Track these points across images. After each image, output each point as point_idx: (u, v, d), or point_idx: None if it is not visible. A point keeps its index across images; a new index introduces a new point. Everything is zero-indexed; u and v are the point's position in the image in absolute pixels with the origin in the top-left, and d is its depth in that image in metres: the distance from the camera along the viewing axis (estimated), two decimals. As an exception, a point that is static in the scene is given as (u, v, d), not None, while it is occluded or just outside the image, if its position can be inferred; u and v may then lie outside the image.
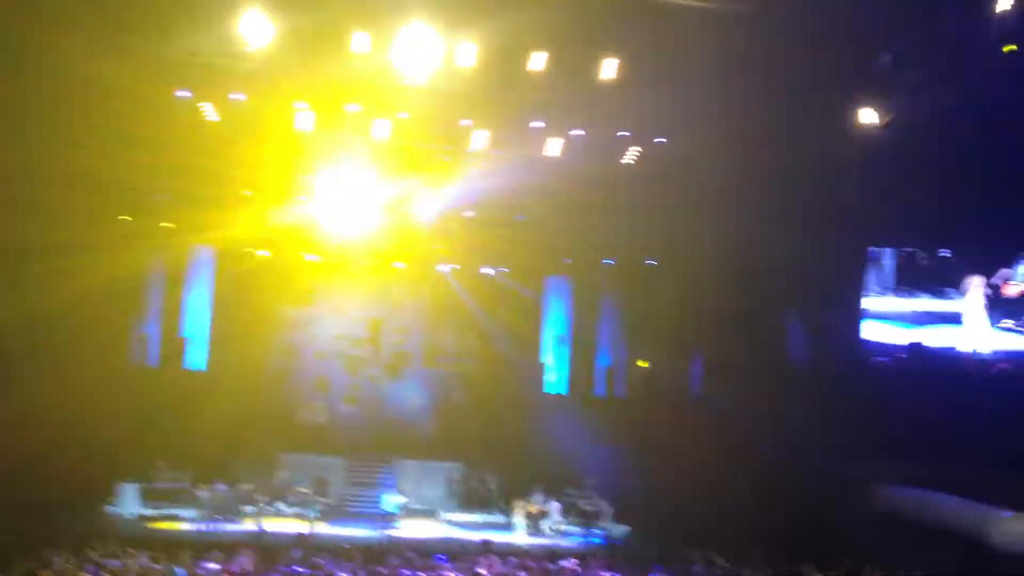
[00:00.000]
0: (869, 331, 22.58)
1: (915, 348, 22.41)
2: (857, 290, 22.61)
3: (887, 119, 18.91)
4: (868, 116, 19.10)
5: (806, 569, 17.15)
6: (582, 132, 21.64)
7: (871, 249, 22.77)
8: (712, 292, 22.78)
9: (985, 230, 21.25)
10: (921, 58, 18.12)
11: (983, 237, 21.63)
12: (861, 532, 19.71)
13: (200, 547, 17.39)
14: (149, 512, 22.08)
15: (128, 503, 22.10)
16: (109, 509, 22.02)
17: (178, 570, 14.85)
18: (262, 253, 26.71)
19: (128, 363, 25.01)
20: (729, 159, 20.98)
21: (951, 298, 22.47)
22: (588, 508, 23.60)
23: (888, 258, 22.78)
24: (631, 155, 22.30)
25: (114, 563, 15.18)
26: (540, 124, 21.23)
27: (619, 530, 23.14)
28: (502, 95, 19.94)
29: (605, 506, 23.15)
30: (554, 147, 21.68)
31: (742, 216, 21.56)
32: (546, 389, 28.30)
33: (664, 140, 21.66)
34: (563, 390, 28.28)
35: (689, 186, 22.27)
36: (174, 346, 26.31)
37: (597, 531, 22.73)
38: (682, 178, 22.21)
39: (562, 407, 27.36)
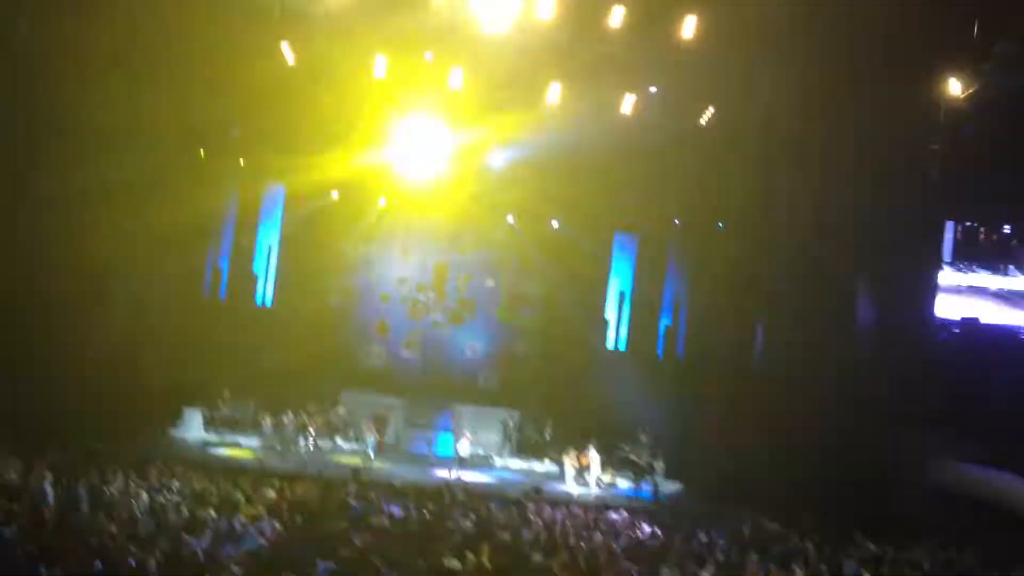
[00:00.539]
0: (941, 305, 22.20)
1: (970, 323, 22.04)
2: (931, 263, 22.19)
3: (971, 90, 18.47)
4: (953, 87, 18.68)
5: (857, 537, 17.05)
6: (656, 90, 21.41)
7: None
8: (781, 257, 22.56)
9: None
10: (1010, 31, 17.63)
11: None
12: (916, 505, 19.56)
13: (259, 474, 17.91)
14: (212, 438, 22.80)
15: (192, 428, 22.81)
16: (173, 433, 22.75)
17: (239, 495, 15.24)
18: (333, 195, 27.07)
19: (200, 297, 25.56)
20: (807, 124, 20.68)
21: (1012, 275, 22.06)
22: (640, 463, 23.73)
23: (948, 231, 22.36)
24: (706, 116, 22.03)
25: (174, 484, 15.69)
26: (616, 79, 21.02)
27: (669, 487, 23.26)
28: (578, 49, 19.80)
29: (657, 463, 23.24)
30: (628, 104, 21.49)
31: (817, 182, 21.26)
32: (607, 345, 28.39)
33: (740, 102, 21.30)
34: (623, 347, 28.36)
35: (764, 150, 21.98)
36: (244, 282, 26.88)
37: (647, 486, 22.85)
38: (757, 141, 21.92)
39: (621, 363, 27.48)
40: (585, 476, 22.63)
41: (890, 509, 19.32)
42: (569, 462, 22.61)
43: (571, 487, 22.00)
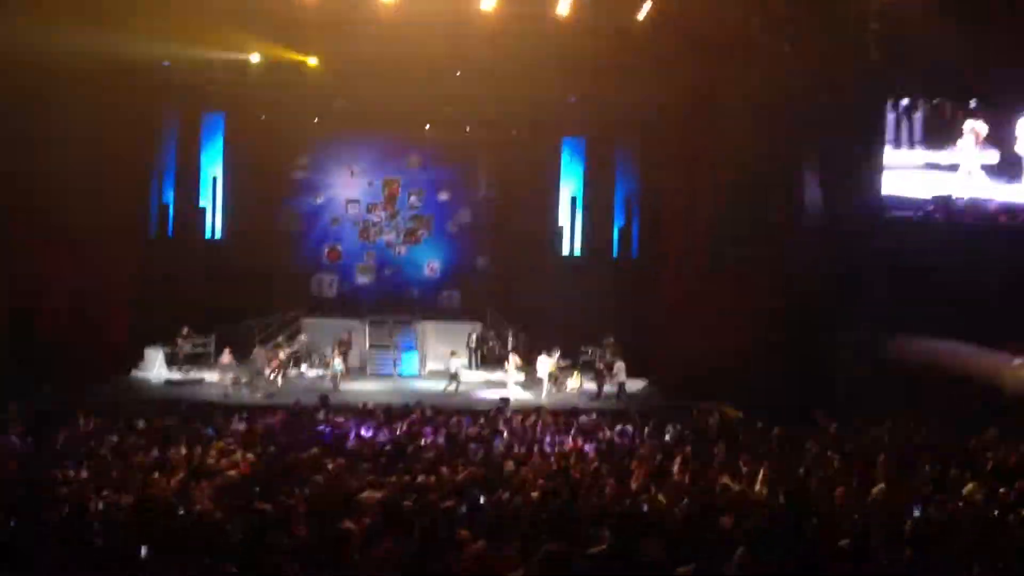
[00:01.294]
0: (888, 184, 22.40)
1: (942, 200, 22.30)
2: (876, 142, 22.31)
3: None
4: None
5: (819, 417, 17.50)
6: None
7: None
8: (728, 142, 22.53)
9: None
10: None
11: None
12: (872, 382, 20.04)
13: (226, 409, 17.87)
14: (175, 376, 22.68)
15: (154, 367, 22.65)
16: (136, 374, 22.60)
17: (208, 429, 15.25)
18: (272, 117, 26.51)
19: (148, 235, 25.04)
20: (742, 13, 20.49)
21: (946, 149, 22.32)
22: (603, 366, 24.01)
23: (889, 110, 22.44)
24: (644, 10, 21.63)
25: (142, 424, 15.62)
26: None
27: (635, 386, 23.58)
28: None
29: (620, 363, 23.52)
30: (564, 5, 21.02)
31: (757, 69, 21.12)
32: (562, 252, 28.42)
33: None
34: (579, 252, 28.41)
35: (701, 41, 21.74)
36: (192, 217, 26.38)
37: (612, 387, 23.14)
38: (694, 32, 21.66)
39: (578, 268, 27.58)
40: (554, 382, 22.93)
41: (846, 389, 19.81)
42: (536, 370, 22.86)
43: (538, 395, 22.26)
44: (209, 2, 20.39)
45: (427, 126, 27.42)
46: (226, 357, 22.34)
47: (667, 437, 16.22)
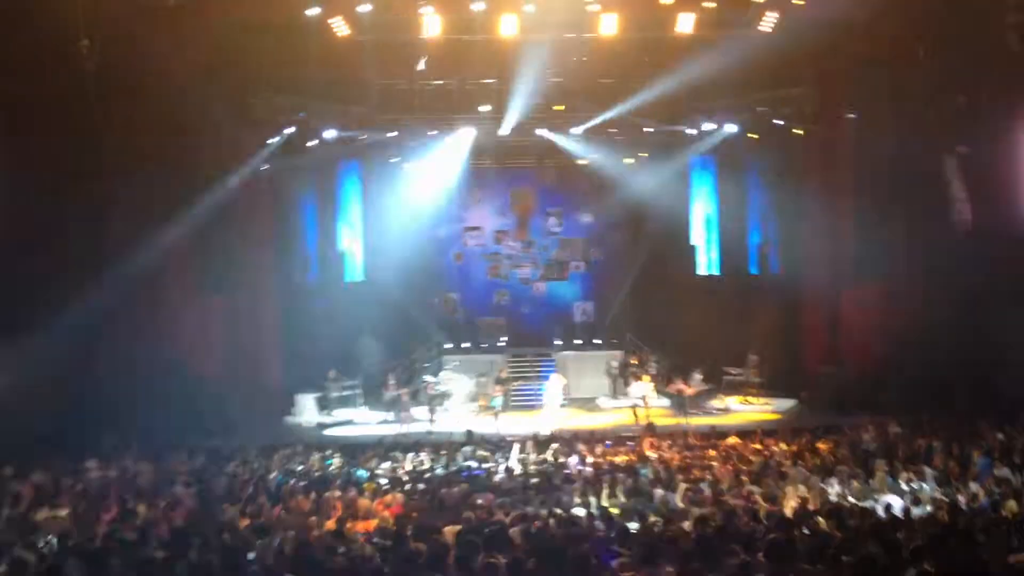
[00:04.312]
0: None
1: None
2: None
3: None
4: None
5: (982, 428, 16.66)
6: (713, 4, 20.68)
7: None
8: (865, 156, 21.89)
9: None
10: None
11: None
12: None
13: (376, 448, 18.21)
14: (326, 419, 23.26)
15: (306, 413, 23.29)
16: (289, 420, 23.28)
17: (359, 472, 15.57)
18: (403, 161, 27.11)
19: (291, 282, 25.84)
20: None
21: None
22: (748, 385, 23.53)
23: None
24: (769, 22, 21.19)
25: (298, 467, 16.14)
26: (669, 1, 20.36)
27: (784, 404, 22.99)
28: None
29: (767, 382, 22.97)
30: (686, 23, 20.82)
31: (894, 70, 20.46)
32: (697, 271, 28.03)
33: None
34: (717, 270, 27.95)
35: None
36: (332, 262, 27.12)
37: (761, 407, 22.61)
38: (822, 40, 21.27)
39: (716, 287, 27.14)
40: (698, 404, 22.55)
41: (1011, 394, 18.76)
42: (676, 393, 22.50)
43: (682, 418, 21.90)
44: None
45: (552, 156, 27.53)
46: (393, 389, 22.69)
47: (821, 456, 15.72)
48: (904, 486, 12.49)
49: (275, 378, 23.87)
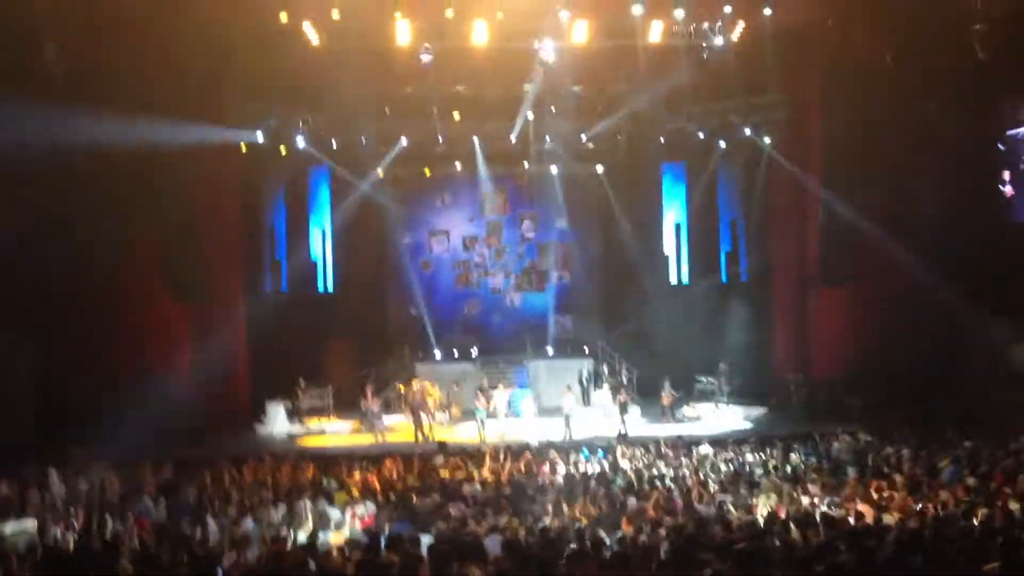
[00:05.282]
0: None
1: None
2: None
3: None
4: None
5: (950, 436, 16.79)
6: (682, 13, 20.75)
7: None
8: (835, 157, 22.10)
9: None
10: None
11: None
12: (1003, 395, 19.14)
13: (347, 458, 18.08)
14: (296, 429, 23.08)
15: (277, 422, 23.10)
16: (259, 429, 23.07)
17: (331, 482, 15.43)
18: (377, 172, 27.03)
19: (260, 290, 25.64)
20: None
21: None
22: (720, 393, 23.62)
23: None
24: (736, 32, 21.35)
25: (269, 479, 15.99)
26: (639, 9, 20.40)
27: (754, 412, 23.09)
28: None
29: (737, 389, 23.03)
30: (656, 32, 20.89)
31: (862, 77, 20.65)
32: (670, 280, 28.13)
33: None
34: (687, 280, 28.07)
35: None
36: (304, 271, 26.97)
37: (732, 415, 22.68)
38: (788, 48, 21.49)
39: (688, 296, 27.24)
40: (671, 412, 22.59)
41: (976, 403, 18.94)
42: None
43: (655, 427, 21.92)
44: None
45: (525, 164, 27.57)
46: (370, 399, 22.47)
47: (792, 465, 15.79)
48: (874, 494, 12.54)
49: (244, 388, 23.64)
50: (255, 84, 22.10)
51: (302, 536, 11.28)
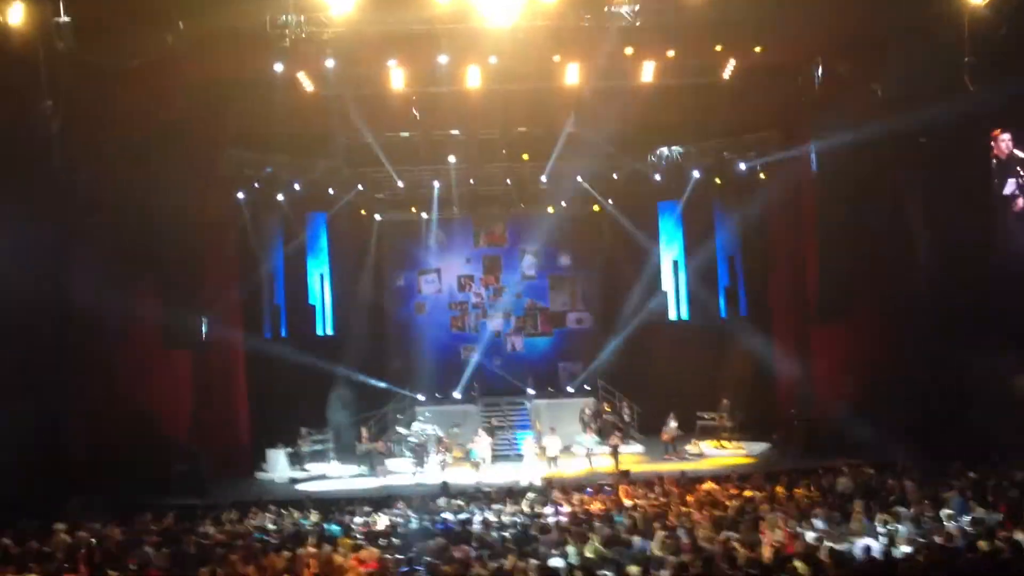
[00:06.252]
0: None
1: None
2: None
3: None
4: None
5: (954, 467, 16.70)
6: (673, 54, 20.91)
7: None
8: (828, 189, 22.19)
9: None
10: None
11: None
12: (1007, 423, 19.04)
13: (350, 502, 17.99)
14: (298, 475, 22.96)
15: (278, 468, 22.98)
16: (260, 476, 22.96)
17: (333, 527, 15.36)
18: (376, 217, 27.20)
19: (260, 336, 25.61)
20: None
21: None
22: (721, 429, 23.55)
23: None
24: (728, 68, 21.53)
25: (271, 525, 15.88)
26: (630, 50, 20.57)
27: (758, 448, 23.00)
28: (589, 26, 19.39)
29: (740, 425, 22.97)
30: (648, 72, 21.06)
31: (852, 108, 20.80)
32: (669, 316, 28.14)
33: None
34: (686, 315, 28.08)
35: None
36: (303, 315, 26.99)
37: (734, 451, 22.59)
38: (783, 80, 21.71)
39: (687, 332, 27.25)
40: (674, 449, 22.53)
41: (981, 432, 18.85)
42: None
43: (658, 464, 21.84)
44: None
45: (521, 204, 27.71)
46: (366, 441, 22.47)
47: (796, 499, 15.69)
48: (880, 528, 12.47)
49: (245, 433, 23.55)
50: (251, 133, 22.28)
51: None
